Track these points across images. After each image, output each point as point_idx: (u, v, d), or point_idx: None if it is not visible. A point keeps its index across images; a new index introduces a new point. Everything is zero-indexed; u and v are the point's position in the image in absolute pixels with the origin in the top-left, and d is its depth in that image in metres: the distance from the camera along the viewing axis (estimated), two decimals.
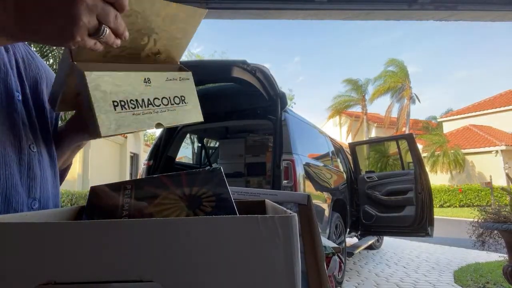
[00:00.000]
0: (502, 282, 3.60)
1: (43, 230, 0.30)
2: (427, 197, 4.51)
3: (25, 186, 0.59)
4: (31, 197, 0.60)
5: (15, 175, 0.57)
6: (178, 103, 0.60)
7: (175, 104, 0.60)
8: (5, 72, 0.59)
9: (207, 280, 0.30)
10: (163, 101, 0.59)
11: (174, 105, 0.60)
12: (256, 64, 3.04)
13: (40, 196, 0.62)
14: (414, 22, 3.03)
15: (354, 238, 5.39)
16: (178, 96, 0.60)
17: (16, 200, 0.56)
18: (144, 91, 0.57)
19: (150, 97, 0.57)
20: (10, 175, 0.56)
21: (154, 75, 0.59)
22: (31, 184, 0.60)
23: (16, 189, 0.57)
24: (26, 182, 0.59)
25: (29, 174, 0.60)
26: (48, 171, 0.66)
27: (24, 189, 0.58)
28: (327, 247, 1.16)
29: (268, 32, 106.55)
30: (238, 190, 0.68)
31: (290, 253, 0.30)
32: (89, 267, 0.29)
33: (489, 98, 23.48)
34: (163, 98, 0.59)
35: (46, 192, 0.64)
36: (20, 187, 0.58)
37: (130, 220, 0.34)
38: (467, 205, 15.87)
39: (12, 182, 0.56)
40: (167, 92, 0.59)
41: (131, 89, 0.55)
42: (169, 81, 0.60)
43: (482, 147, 19.06)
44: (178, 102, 0.60)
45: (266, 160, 4.66)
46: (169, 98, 0.59)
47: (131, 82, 0.56)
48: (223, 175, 0.51)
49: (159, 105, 0.58)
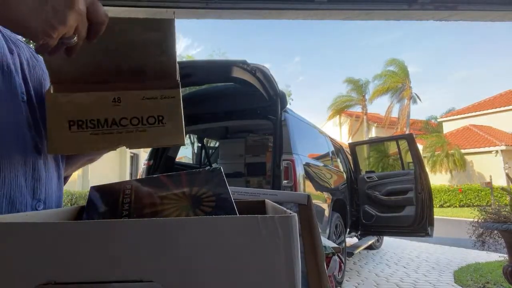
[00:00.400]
0: (502, 282, 3.60)
1: (43, 230, 0.30)
2: (427, 197, 4.51)
3: (30, 188, 0.59)
4: (35, 199, 0.59)
5: (20, 176, 0.57)
6: (152, 124, 0.56)
7: (147, 125, 0.56)
8: (9, 73, 0.59)
9: (207, 280, 0.30)
10: (132, 121, 0.55)
11: (145, 126, 0.56)
12: (256, 64, 3.04)
13: (45, 198, 0.62)
14: (414, 22, 3.03)
15: (354, 238, 5.39)
16: (154, 116, 0.56)
17: (20, 202, 0.56)
18: (111, 111, 0.55)
19: (116, 117, 0.55)
20: (15, 177, 0.56)
21: (127, 94, 0.56)
22: (36, 186, 0.60)
23: (20, 191, 0.57)
24: (31, 184, 0.59)
25: (34, 176, 0.59)
26: (53, 172, 0.66)
27: (28, 190, 0.58)
28: (327, 247, 1.16)
29: (268, 32, 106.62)
30: (238, 190, 0.68)
31: (290, 253, 0.30)
32: (89, 267, 0.29)
33: (489, 98, 23.47)
34: (132, 118, 0.55)
35: (51, 193, 0.64)
36: (25, 188, 0.58)
37: (130, 220, 0.34)
38: (467, 205, 15.86)
39: (17, 183, 0.56)
40: (140, 112, 0.56)
41: (95, 109, 0.54)
42: (145, 100, 0.56)
43: (482, 147, 19.05)
44: (153, 122, 0.56)
45: (266, 160, 4.65)
46: (140, 118, 0.56)
47: (97, 101, 0.55)
48: (223, 175, 0.51)
49: (126, 125, 0.55)
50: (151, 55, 0.57)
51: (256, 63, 3.04)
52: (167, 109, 0.57)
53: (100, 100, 0.55)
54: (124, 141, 0.55)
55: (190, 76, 3.35)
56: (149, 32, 0.54)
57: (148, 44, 0.55)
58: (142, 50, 0.56)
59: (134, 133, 0.56)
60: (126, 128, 0.55)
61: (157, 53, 0.57)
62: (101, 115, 0.55)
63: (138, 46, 0.56)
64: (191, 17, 2.82)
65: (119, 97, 0.56)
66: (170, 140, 0.58)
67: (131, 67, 0.58)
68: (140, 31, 0.54)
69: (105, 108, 0.55)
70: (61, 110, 0.54)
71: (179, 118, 0.58)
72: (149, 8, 2.61)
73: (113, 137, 0.55)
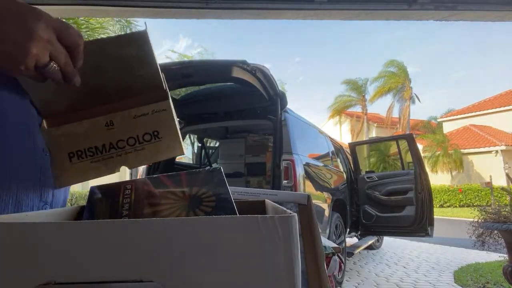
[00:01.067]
0: (502, 282, 3.60)
1: (43, 230, 0.30)
2: (427, 197, 4.51)
3: (38, 190, 0.59)
4: (42, 201, 0.59)
5: (28, 179, 0.57)
6: (149, 141, 0.56)
7: (144, 143, 0.56)
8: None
9: (207, 280, 0.30)
10: (129, 141, 0.56)
11: (143, 144, 0.56)
12: (256, 64, 3.04)
13: (51, 200, 0.62)
14: (414, 22, 3.03)
15: (354, 238, 5.39)
16: (149, 133, 0.56)
17: (26, 204, 0.56)
18: (106, 136, 0.55)
19: (113, 141, 0.55)
20: (23, 179, 0.56)
21: (118, 116, 0.56)
22: (43, 188, 0.60)
23: (27, 194, 0.56)
24: (38, 186, 0.59)
25: (41, 178, 0.59)
26: None
27: (36, 193, 0.58)
28: (327, 247, 1.16)
29: (269, 32, 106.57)
30: (238, 190, 0.68)
31: (290, 253, 0.30)
32: (89, 267, 0.29)
33: (489, 98, 23.48)
34: (128, 139, 0.56)
35: (58, 196, 0.64)
36: (32, 191, 0.57)
37: (130, 220, 0.34)
38: (467, 205, 15.87)
39: (24, 185, 0.56)
40: (134, 131, 0.56)
41: (91, 136, 0.55)
42: (138, 118, 0.57)
43: (482, 147, 19.06)
44: (149, 139, 0.56)
45: (266, 160, 4.66)
46: (136, 137, 0.56)
47: (90, 129, 0.55)
48: (223, 175, 0.51)
49: (124, 147, 0.55)
50: (133, 70, 0.56)
51: (256, 63, 3.05)
52: (161, 123, 0.57)
53: (93, 127, 0.56)
54: (124, 163, 0.56)
55: (190, 76, 3.35)
56: (125, 48, 0.54)
57: (127, 60, 0.55)
58: (123, 68, 0.56)
59: (133, 153, 0.56)
60: (125, 150, 0.56)
61: (138, 67, 0.56)
62: (98, 142, 0.55)
63: (117, 64, 0.55)
64: (191, 17, 2.83)
65: (111, 120, 0.56)
66: (169, 154, 0.57)
67: (115, 87, 0.57)
68: (116, 49, 0.54)
69: (99, 134, 0.55)
70: (59, 144, 0.55)
71: (174, 130, 0.58)
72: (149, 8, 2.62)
73: (113, 161, 0.55)
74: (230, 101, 3.95)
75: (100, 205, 0.50)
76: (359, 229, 4.99)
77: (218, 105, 3.95)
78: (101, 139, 0.55)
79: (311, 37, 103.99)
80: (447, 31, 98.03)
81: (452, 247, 6.37)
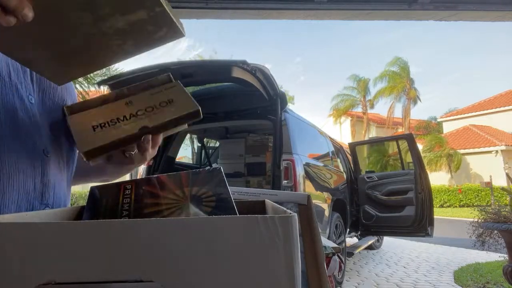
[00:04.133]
0: (502, 282, 3.60)
1: (43, 230, 0.30)
2: (427, 197, 4.51)
3: (38, 192, 0.58)
4: (43, 203, 0.59)
5: (28, 181, 0.57)
6: (165, 106, 0.62)
7: (160, 108, 0.61)
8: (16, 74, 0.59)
9: (207, 280, 0.30)
10: (147, 109, 0.61)
11: (160, 108, 0.61)
12: (256, 64, 3.04)
13: (52, 202, 0.61)
14: (414, 22, 3.03)
15: (354, 238, 5.39)
16: (165, 101, 0.62)
17: (27, 207, 0.56)
18: (126, 110, 0.61)
19: (133, 111, 0.60)
20: (23, 182, 0.56)
21: (136, 97, 0.64)
22: (44, 190, 0.59)
23: (27, 196, 0.56)
24: (39, 188, 0.59)
25: (42, 180, 0.59)
26: (62, 176, 0.65)
27: (37, 195, 0.58)
28: (327, 247, 1.16)
29: (269, 33, 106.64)
30: (238, 190, 0.68)
31: (290, 253, 0.30)
32: (89, 267, 0.29)
33: (489, 98, 23.48)
34: (147, 108, 0.61)
35: (59, 197, 0.64)
36: (33, 193, 0.57)
37: (130, 220, 0.34)
38: (467, 205, 15.86)
39: (25, 188, 0.56)
40: (151, 102, 0.62)
41: (112, 113, 0.60)
42: (153, 95, 0.64)
43: (482, 147, 19.05)
44: (165, 105, 0.62)
45: (266, 160, 4.66)
46: (153, 105, 0.62)
47: (113, 108, 0.61)
48: (223, 175, 0.51)
49: (143, 114, 0.60)
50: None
51: (256, 63, 3.05)
52: (174, 93, 0.64)
53: (115, 106, 0.62)
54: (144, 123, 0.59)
55: (190, 76, 3.35)
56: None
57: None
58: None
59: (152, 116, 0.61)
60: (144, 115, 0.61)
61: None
62: (120, 115, 0.60)
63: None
64: (191, 17, 2.83)
65: (130, 100, 0.63)
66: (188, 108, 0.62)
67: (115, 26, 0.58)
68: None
69: (121, 109, 0.61)
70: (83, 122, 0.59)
71: (186, 95, 0.64)
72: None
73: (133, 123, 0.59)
74: (230, 101, 3.95)
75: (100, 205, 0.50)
76: (359, 229, 4.99)
77: (218, 105, 3.95)
78: (122, 112, 0.61)
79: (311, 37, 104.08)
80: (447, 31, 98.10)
81: (452, 247, 6.36)
